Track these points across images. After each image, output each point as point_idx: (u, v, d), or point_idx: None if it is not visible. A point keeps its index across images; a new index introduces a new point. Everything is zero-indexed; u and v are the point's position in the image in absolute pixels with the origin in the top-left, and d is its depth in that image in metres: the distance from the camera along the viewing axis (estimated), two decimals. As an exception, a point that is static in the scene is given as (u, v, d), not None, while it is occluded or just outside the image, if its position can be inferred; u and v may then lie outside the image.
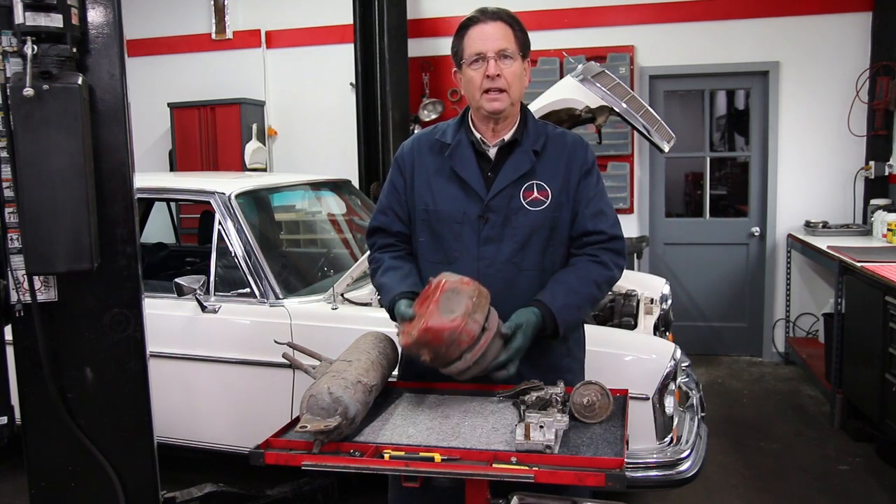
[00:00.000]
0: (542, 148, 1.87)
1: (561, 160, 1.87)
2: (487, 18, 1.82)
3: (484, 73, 1.79)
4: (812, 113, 5.11)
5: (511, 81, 1.81)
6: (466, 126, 1.91)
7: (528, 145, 1.86)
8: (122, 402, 1.95)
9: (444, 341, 1.56)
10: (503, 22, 1.82)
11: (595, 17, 5.38)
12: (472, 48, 1.82)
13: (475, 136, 1.88)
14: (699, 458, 2.60)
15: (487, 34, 1.80)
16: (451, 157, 1.88)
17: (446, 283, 1.61)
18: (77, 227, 1.74)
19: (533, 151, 1.85)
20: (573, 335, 1.97)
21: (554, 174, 1.85)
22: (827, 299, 4.97)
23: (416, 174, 1.91)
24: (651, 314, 3.34)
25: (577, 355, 1.98)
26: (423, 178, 1.90)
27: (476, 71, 1.81)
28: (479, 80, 1.81)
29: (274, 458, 1.52)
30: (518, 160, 1.85)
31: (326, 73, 5.90)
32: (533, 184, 1.84)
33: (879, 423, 3.44)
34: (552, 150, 1.88)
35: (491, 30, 1.81)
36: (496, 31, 1.81)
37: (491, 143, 1.88)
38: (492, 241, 1.83)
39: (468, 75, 1.83)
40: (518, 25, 1.85)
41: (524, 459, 1.44)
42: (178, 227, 5.48)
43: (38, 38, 1.69)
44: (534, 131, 1.89)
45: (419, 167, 1.92)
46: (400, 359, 1.96)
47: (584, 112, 2.87)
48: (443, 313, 1.56)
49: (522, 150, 1.86)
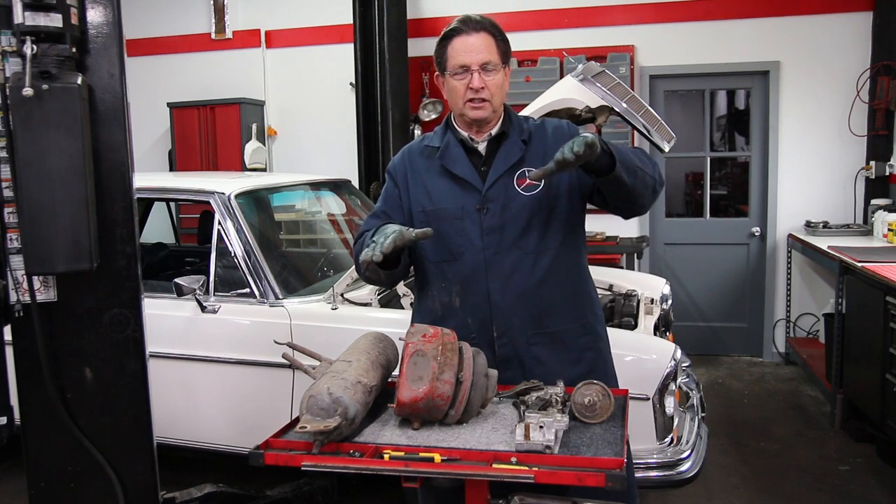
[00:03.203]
0: (529, 137, 1.93)
1: (548, 146, 1.91)
2: (471, 30, 1.86)
3: (467, 85, 1.85)
4: (812, 113, 5.11)
5: (494, 91, 1.86)
6: (452, 128, 1.96)
7: (515, 136, 1.92)
8: (122, 402, 1.95)
9: (422, 409, 1.58)
10: (486, 32, 1.87)
11: (595, 17, 5.38)
12: (455, 59, 1.86)
13: (462, 134, 1.93)
14: (699, 459, 2.59)
15: (471, 46, 1.85)
16: (441, 157, 1.93)
17: (409, 346, 1.63)
18: (76, 227, 1.74)
19: (522, 141, 1.91)
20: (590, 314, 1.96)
21: (542, 158, 1.88)
22: (827, 299, 4.97)
23: (409, 180, 1.96)
24: (651, 314, 3.33)
25: (597, 332, 1.98)
26: (418, 181, 1.95)
27: (460, 82, 1.86)
28: (462, 90, 1.86)
29: (273, 458, 1.52)
30: (509, 150, 1.91)
31: (326, 73, 5.90)
32: (524, 171, 1.88)
33: (880, 424, 3.44)
34: (536, 138, 1.94)
35: (474, 41, 1.85)
36: (479, 43, 1.85)
37: (479, 139, 1.93)
38: (494, 230, 1.87)
39: (452, 84, 1.88)
40: (500, 35, 1.90)
41: (524, 460, 1.44)
42: (178, 227, 5.47)
43: (37, 38, 1.69)
44: (517, 123, 1.95)
45: (412, 173, 1.97)
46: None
47: (584, 112, 2.86)
48: (411, 383, 1.57)
49: (511, 140, 1.91)
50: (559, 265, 1.90)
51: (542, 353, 1.88)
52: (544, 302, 1.88)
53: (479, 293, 1.87)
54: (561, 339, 1.90)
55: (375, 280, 1.93)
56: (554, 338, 1.89)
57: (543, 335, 1.88)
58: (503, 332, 1.87)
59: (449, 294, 1.90)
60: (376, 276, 1.88)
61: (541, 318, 1.88)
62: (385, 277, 1.90)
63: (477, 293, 1.87)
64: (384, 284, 2.02)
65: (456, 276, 1.89)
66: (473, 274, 1.87)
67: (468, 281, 1.88)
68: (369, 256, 1.69)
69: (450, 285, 1.90)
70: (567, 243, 1.92)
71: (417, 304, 2.04)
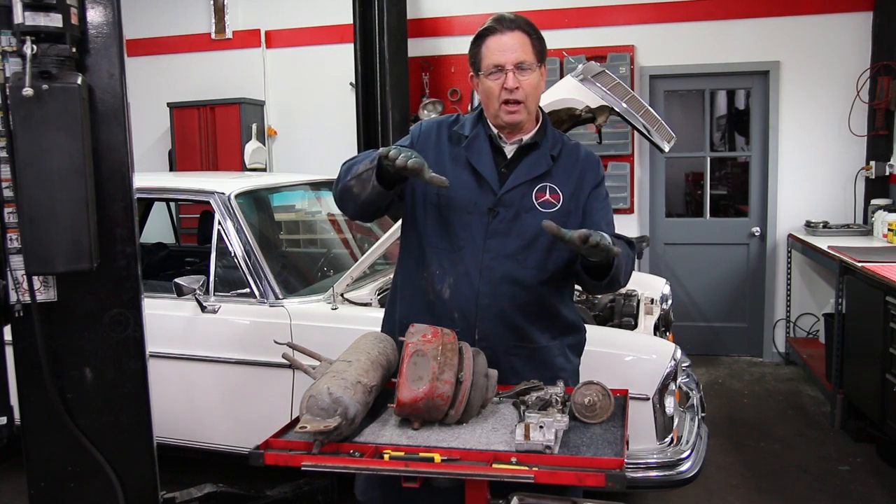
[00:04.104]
0: (559, 154, 1.90)
1: (574, 169, 1.91)
2: (505, 28, 1.82)
3: (502, 85, 1.81)
4: (812, 113, 5.11)
5: (529, 92, 1.83)
6: (484, 121, 1.92)
7: (546, 149, 1.89)
8: (122, 402, 1.95)
9: (422, 409, 1.58)
10: (521, 31, 1.83)
11: (595, 17, 5.38)
12: (490, 59, 1.82)
13: (492, 130, 1.90)
14: (699, 459, 2.59)
15: (506, 46, 1.81)
16: (467, 148, 1.90)
17: (409, 346, 1.62)
18: (76, 227, 1.74)
19: (550, 156, 1.88)
20: (570, 336, 1.97)
21: (567, 180, 1.88)
22: (827, 299, 4.97)
23: (431, 158, 1.83)
24: (651, 314, 3.33)
25: (570, 358, 1.98)
26: (441, 164, 1.88)
27: (494, 82, 1.82)
28: (497, 90, 1.82)
29: (273, 458, 1.52)
30: (535, 161, 1.88)
31: (326, 73, 5.90)
32: (546, 186, 1.86)
33: (880, 424, 3.43)
34: (566, 159, 1.91)
35: (509, 41, 1.81)
36: (514, 43, 1.81)
37: (508, 141, 1.90)
38: (499, 235, 1.85)
39: (486, 85, 1.84)
40: (535, 33, 1.86)
41: (524, 460, 1.44)
42: (178, 227, 5.47)
43: (37, 38, 1.68)
44: (552, 137, 1.92)
45: (436, 152, 1.91)
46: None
47: (584, 112, 2.86)
48: (411, 383, 1.57)
49: (540, 152, 1.89)
50: (553, 288, 1.90)
51: (519, 366, 1.87)
52: (531, 318, 1.87)
53: (469, 292, 1.85)
54: (540, 357, 1.89)
55: (357, 191, 1.78)
56: (533, 354, 1.88)
57: (524, 349, 1.88)
58: (485, 337, 1.85)
59: (442, 283, 1.87)
60: (363, 186, 1.75)
61: (524, 332, 1.87)
62: (371, 191, 1.75)
63: (467, 291, 1.85)
64: (360, 200, 1.80)
65: (452, 267, 1.87)
66: (468, 271, 1.85)
67: (462, 276, 1.86)
68: (394, 154, 1.59)
69: (444, 274, 1.87)
70: (564, 271, 1.89)
71: (408, 280, 1.97)
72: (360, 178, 1.77)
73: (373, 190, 1.76)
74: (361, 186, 1.77)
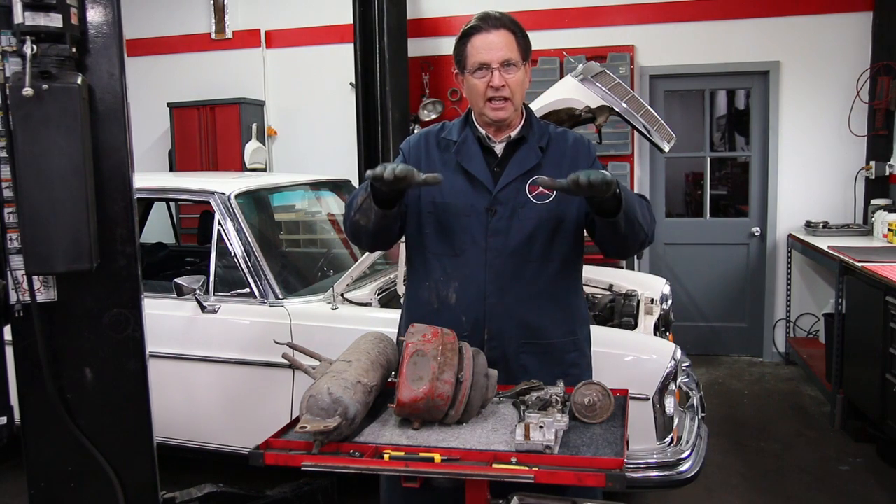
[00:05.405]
0: (547, 145, 1.91)
1: (565, 157, 1.91)
2: (490, 27, 1.83)
3: (488, 84, 1.82)
4: (812, 113, 5.11)
5: (515, 90, 1.84)
6: (471, 123, 1.94)
7: (534, 142, 1.90)
8: (122, 402, 1.95)
9: (421, 409, 1.58)
10: (506, 30, 1.84)
11: (595, 17, 5.38)
12: (475, 57, 1.83)
13: (480, 132, 1.91)
14: (699, 459, 2.59)
15: (491, 44, 1.82)
16: (457, 152, 1.91)
17: (409, 346, 1.62)
18: (76, 227, 1.74)
19: (539, 147, 1.89)
20: (581, 330, 1.97)
21: (558, 169, 1.87)
22: (827, 299, 4.96)
23: (423, 169, 1.87)
24: (651, 314, 3.33)
25: (583, 350, 1.99)
26: (431, 170, 1.87)
27: (480, 80, 1.84)
28: (482, 88, 1.84)
29: (273, 458, 1.52)
30: (525, 156, 1.89)
31: (326, 73, 5.90)
32: (537, 178, 1.85)
33: (880, 424, 3.44)
34: (555, 148, 1.92)
35: (494, 39, 1.82)
36: (499, 41, 1.82)
37: (497, 140, 1.91)
38: (499, 233, 1.86)
39: (471, 83, 1.86)
40: (520, 31, 1.86)
41: (524, 460, 1.44)
42: (178, 227, 5.47)
43: (37, 38, 1.69)
44: (538, 129, 1.93)
45: (426, 161, 1.93)
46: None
47: (584, 112, 2.87)
48: (411, 383, 1.57)
49: (529, 146, 1.90)
50: (559, 278, 1.90)
51: (530, 362, 1.88)
52: (540, 312, 1.88)
53: (475, 293, 1.86)
54: (550, 352, 1.90)
55: (363, 223, 1.81)
56: (544, 349, 1.89)
57: (534, 345, 1.88)
58: (494, 336, 1.86)
59: (447, 289, 1.89)
60: (367, 216, 1.78)
61: (534, 327, 1.88)
62: (375, 218, 1.78)
63: (474, 292, 1.86)
64: (369, 230, 1.84)
65: (456, 272, 1.88)
66: (473, 273, 1.86)
67: (467, 279, 1.87)
68: (380, 171, 1.60)
69: (448, 280, 1.88)
70: (569, 258, 1.91)
71: (413, 293, 1.99)
72: (362, 208, 1.79)
73: (376, 216, 1.78)
74: (366, 217, 1.80)
